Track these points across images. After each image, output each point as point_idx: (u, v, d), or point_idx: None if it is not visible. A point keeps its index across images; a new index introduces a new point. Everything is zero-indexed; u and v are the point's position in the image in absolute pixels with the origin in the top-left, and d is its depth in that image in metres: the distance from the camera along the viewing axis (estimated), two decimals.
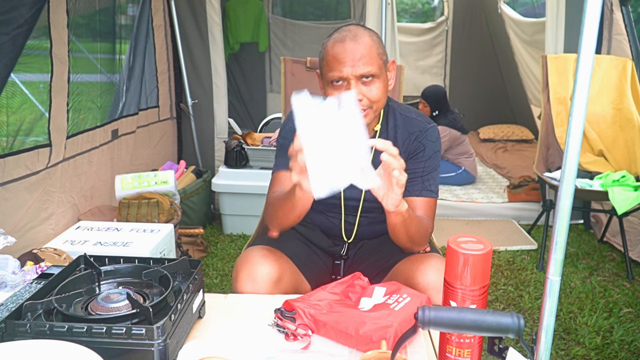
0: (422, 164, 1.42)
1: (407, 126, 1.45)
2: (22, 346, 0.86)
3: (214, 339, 1.06)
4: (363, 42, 1.29)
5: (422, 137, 1.43)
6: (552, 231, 0.78)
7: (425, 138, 1.43)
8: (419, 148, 1.43)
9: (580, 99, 0.73)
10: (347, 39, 1.29)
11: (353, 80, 1.29)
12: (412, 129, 1.45)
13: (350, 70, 1.28)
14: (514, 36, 4.62)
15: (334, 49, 1.30)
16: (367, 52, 1.28)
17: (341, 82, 1.31)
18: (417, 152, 1.43)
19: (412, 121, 1.46)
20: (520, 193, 3.79)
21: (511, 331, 0.75)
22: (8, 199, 2.04)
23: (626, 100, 3.04)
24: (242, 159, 3.34)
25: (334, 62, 1.29)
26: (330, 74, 1.31)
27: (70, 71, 2.43)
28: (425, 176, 1.41)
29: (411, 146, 1.44)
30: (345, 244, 1.55)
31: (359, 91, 1.29)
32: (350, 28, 1.32)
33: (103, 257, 1.16)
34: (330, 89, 1.33)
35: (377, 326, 1.02)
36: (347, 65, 1.28)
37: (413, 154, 1.43)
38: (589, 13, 0.70)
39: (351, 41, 1.28)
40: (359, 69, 1.28)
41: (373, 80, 1.31)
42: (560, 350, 2.15)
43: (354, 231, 1.52)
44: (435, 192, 1.43)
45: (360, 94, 1.29)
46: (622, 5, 3.08)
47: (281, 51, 5.07)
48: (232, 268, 2.87)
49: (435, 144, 1.44)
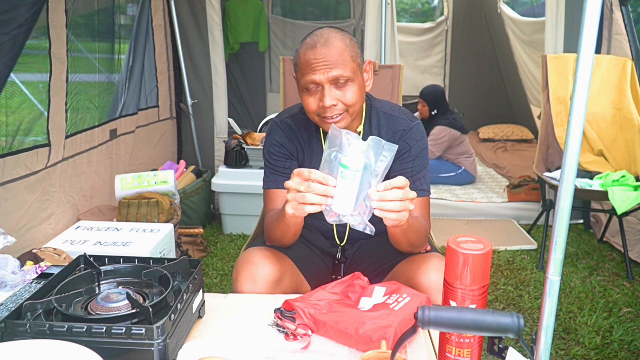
0: (410, 164, 1.41)
1: (391, 125, 1.44)
2: (22, 346, 0.86)
3: (214, 339, 1.06)
4: (335, 46, 1.28)
5: (407, 136, 1.42)
6: (552, 231, 0.78)
7: (410, 137, 1.42)
8: (405, 148, 1.42)
9: (580, 99, 0.73)
10: (318, 45, 1.28)
11: (327, 85, 1.28)
12: (396, 128, 1.44)
13: (323, 77, 1.27)
14: (514, 36, 4.62)
15: (306, 55, 1.29)
16: (339, 56, 1.27)
17: (315, 88, 1.30)
18: (403, 153, 1.42)
19: (395, 120, 1.45)
20: (520, 193, 3.79)
21: (511, 331, 0.75)
22: (8, 199, 2.04)
23: (626, 100, 3.04)
24: (242, 159, 3.34)
25: (306, 68, 1.29)
26: (304, 80, 1.31)
27: (69, 71, 2.43)
28: (415, 176, 1.40)
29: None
30: (339, 247, 1.55)
31: (333, 95, 1.29)
32: (323, 32, 1.31)
33: (103, 257, 1.16)
34: (305, 94, 1.33)
35: (377, 326, 1.02)
36: (319, 71, 1.27)
37: (399, 155, 1.42)
38: (589, 13, 0.70)
39: (323, 46, 1.27)
40: (332, 74, 1.27)
41: (347, 84, 1.30)
42: (560, 350, 2.15)
43: (346, 233, 1.53)
44: (428, 191, 1.43)
45: (335, 99, 1.29)
46: (622, 5, 3.08)
47: (281, 51, 5.07)
48: (232, 268, 2.87)
49: (420, 142, 1.43)
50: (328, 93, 1.28)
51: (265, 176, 1.49)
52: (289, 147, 1.46)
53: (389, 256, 1.46)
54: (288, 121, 1.48)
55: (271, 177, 1.46)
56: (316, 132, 1.47)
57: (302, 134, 1.47)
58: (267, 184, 1.48)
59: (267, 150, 1.48)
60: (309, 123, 1.46)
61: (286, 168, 1.45)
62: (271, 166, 1.47)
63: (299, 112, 1.49)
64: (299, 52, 1.33)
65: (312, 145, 1.47)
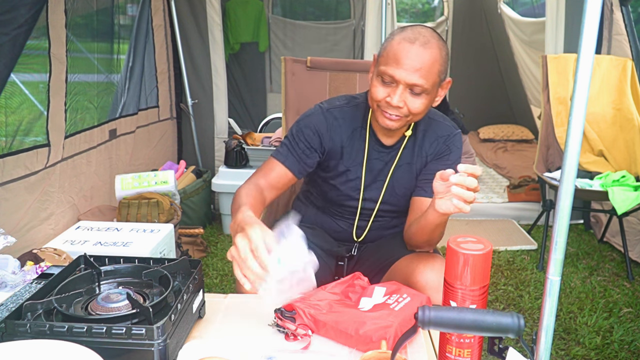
0: (445, 164, 1.41)
1: (436, 129, 1.46)
2: (22, 346, 0.86)
3: (214, 339, 1.06)
4: (430, 53, 1.24)
5: (450, 141, 1.45)
6: (552, 231, 0.78)
7: (452, 143, 1.45)
8: (446, 151, 1.45)
9: (580, 99, 0.73)
10: (417, 42, 1.23)
11: (402, 86, 1.25)
12: (440, 132, 1.46)
13: (404, 75, 1.24)
14: (514, 36, 4.62)
15: (400, 46, 1.24)
16: (429, 64, 1.24)
17: (390, 82, 1.27)
18: (443, 155, 1.45)
19: (440, 125, 1.47)
20: (520, 193, 3.79)
21: (511, 331, 0.75)
22: (8, 199, 2.04)
23: (626, 100, 3.04)
24: (242, 159, 3.34)
25: (393, 60, 1.24)
26: (384, 69, 1.26)
27: (68, 71, 2.43)
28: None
29: (439, 148, 1.45)
30: (355, 244, 1.56)
31: (404, 99, 1.27)
32: (424, 32, 1.26)
33: (103, 257, 1.16)
34: (377, 82, 1.29)
35: (377, 326, 1.02)
36: (404, 69, 1.23)
37: (439, 156, 1.45)
38: (589, 13, 0.70)
39: (420, 46, 1.23)
40: (413, 79, 1.23)
41: (422, 95, 1.27)
42: (560, 350, 2.15)
43: (363, 235, 1.55)
44: None
45: (403, 102, 1.27)
46: (622, 5, 3.08)
47: (281, 51, 5.07)
48: (232, 268, 2.87)
49: (459, 150, 1.46)
50: (400, 93, 1.26)
51: (280, 147, 1.45)
52: (325, 139, 1.43)
53: (387, 254, 1.47)
54: (335, 112, 1.45)
55: (284, 152, 1.43)
56: (361, 127, 1.45)
57: (346, 128, 1.44)
58: (277, 155, 1.44)
59: (298, 127, 1.44)
60: (355, 117, 1.44)
61: (305, 155, 1.42)
62: (293, 143, 1.42)
63: (345, 105, 1.46)
64: (394, 39, 1.27)
65: (354, 141, 1.45)
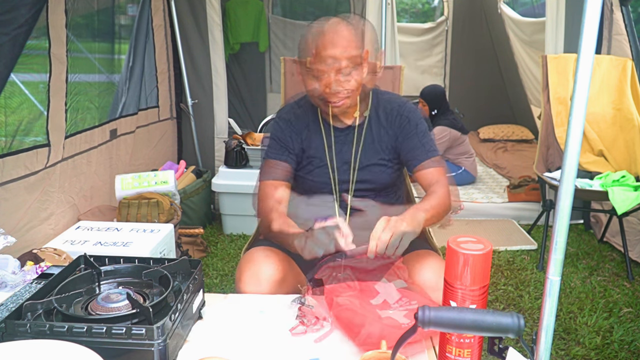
0: (414, 134, 1.49)
1: (386, 104, 1.55)
2: (22, 346, 0.86)
3: (214, 339, 1.06)
4: (341, 34, 1.35)
5: (402, 109, 1.53)
6: (552, 231, 0.78)
7: (405, 110, 1.53)
8: (404, 121, 1.51)
9: (580, 99, 0.73)
10: (326, 31, 1.35)
11: (332, 73, 1.35)
12: (390, 105, 1.54)
13: (330, 63, 1.34)
14: (514, 36, 4.62)
15: (315, 40, 1.36)
16: (345, 44, 1.34)
17: (320, 75, 1.36)
18: (404, 126, 1.50)
19: (390, 98, 1.57)
20: (520, 193, 3.79)
21: (511, 331, 0.75)
22: (8, 199, 2.04)
23: (626, 100, 3.04)
24: (242, 159, 3.34)
25: (314, 54, 1.36)
26: (310, 66, 1.38)
27: (68, 71, 2.43)
28: (423, 140, 1.48)
29: (397, 122, 1.51)
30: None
31: (339, 82, 1.36)
32: (330, 20, 1.38)
33: (103, 257, 1.16)
34: (310, 79, 1.40)
35: (379, 327, 1.02)
36: (326, 58, 1.34)
37: (402, 130, 1.50)
38: (589, 13, 0.70)
39: (331, 33, 1.34)
40: (338, 63, 1.34)
41: (351, 73, 1.37)
42: (560, 350, 2.15)
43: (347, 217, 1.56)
44: (436, 150, 1.51)
45: (340, 85, 1.37)
46: (622, 5, 3.08)
47: (281, 51, 5.07)
48: (232, 268, 2.87)
49: (415, 112, 1.53)
50: (334, 79, 1.36)
51: (269, 147, 1.55)
52: (296, 124, 1.55)
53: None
54: (284, 114, 1.60)
55: (276, 148, 1.53)
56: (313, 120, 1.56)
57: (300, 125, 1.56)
58: (270, 154, 1.54)
59: (275, 123, 1.57)
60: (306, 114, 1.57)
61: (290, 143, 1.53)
62: (277, 138, 1.54)
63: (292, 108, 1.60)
64: (307, 36, 1.39)
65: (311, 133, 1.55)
